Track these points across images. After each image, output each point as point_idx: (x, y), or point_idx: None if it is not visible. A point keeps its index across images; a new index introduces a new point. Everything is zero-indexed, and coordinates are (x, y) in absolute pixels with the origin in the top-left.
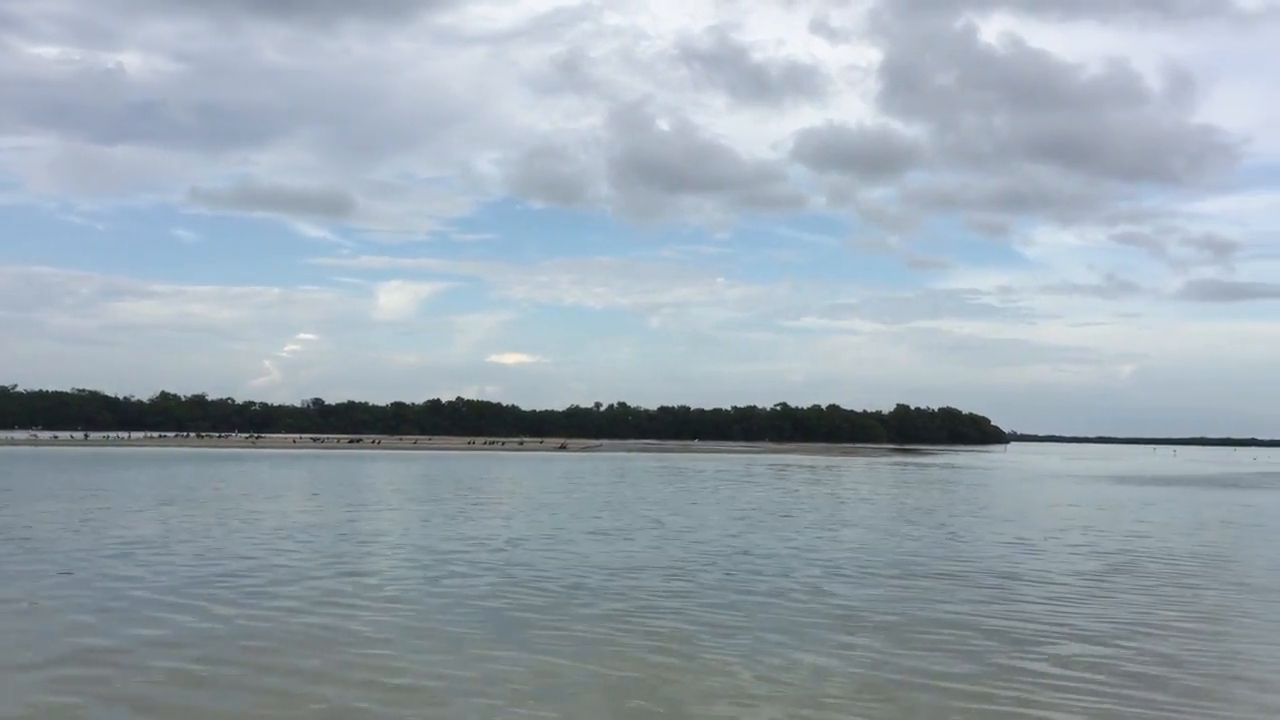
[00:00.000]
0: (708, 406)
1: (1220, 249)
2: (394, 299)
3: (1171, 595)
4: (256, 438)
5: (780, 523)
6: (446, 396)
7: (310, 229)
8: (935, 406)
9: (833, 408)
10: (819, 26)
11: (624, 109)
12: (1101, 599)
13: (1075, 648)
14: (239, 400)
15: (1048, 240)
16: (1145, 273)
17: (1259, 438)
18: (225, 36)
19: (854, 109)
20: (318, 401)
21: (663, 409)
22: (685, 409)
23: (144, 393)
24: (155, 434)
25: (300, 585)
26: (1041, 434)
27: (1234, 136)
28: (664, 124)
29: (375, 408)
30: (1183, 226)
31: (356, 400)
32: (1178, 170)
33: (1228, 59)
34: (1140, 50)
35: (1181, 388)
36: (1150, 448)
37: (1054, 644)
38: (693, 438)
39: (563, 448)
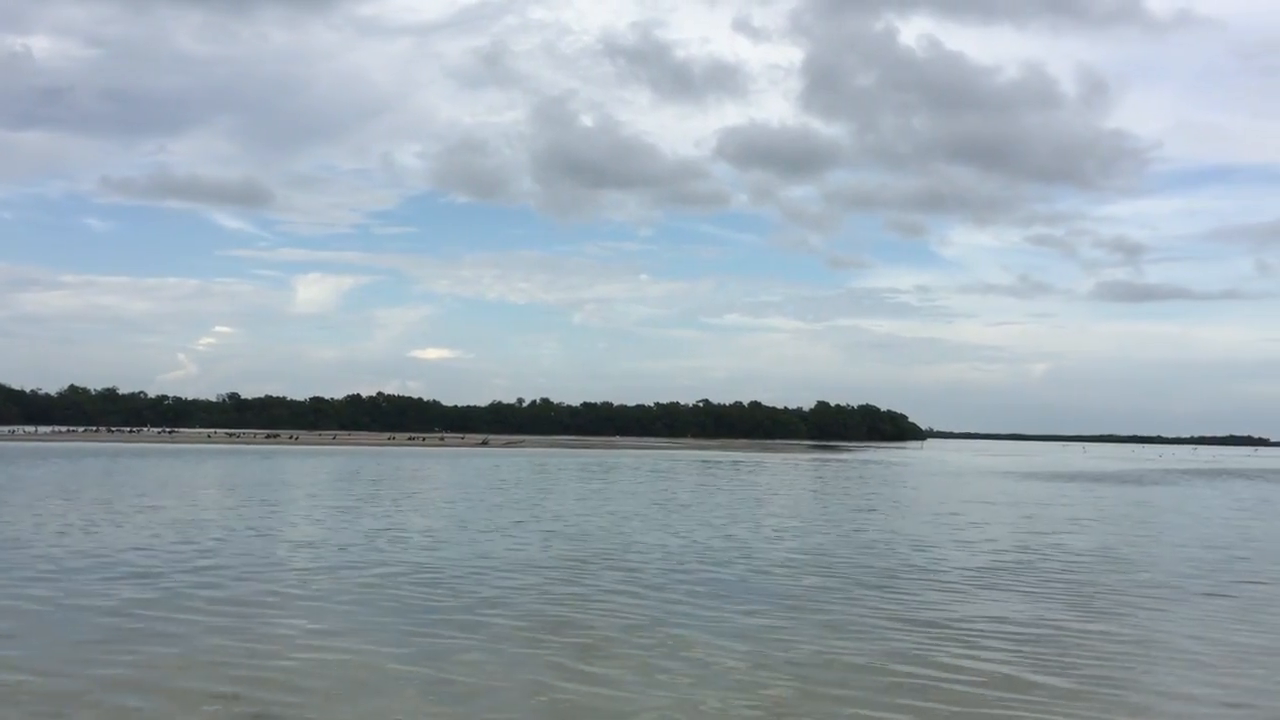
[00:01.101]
0: (631, 403)
1: (1130, 252)
2: (313, 292)
3: (1058, 592)
4: (170, 432)
5: (677, 517)
6: (367, 391)
7: (227, 220)
8: (855, 404)
9: (754, 404)
10: (741, 25)
11: (548, 104)
12: (988, 592)
13: (950, 644)
14: (152, 394)
15: (964, 241)
16: (1058, 274)
17: (1164, 435)
18: (138, 21)
19: (776, 108)
20: (234, 396)
21: (586, 405)
22: (608, 405)
23: (52, 386)
24: (64, 428)
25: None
26: (958, 431)
27: (1144, 142)
28: (588, 120)
29: (293, 403)
30: (1094, 229)
31: (274, 395)
32: (1090, 174)
33: (1139, 65)
34: (1055, 55)
35: (1092, 386)
36: (1061, 445)
37: (937, 637)
38: (616, 434)
39: (485, 444)
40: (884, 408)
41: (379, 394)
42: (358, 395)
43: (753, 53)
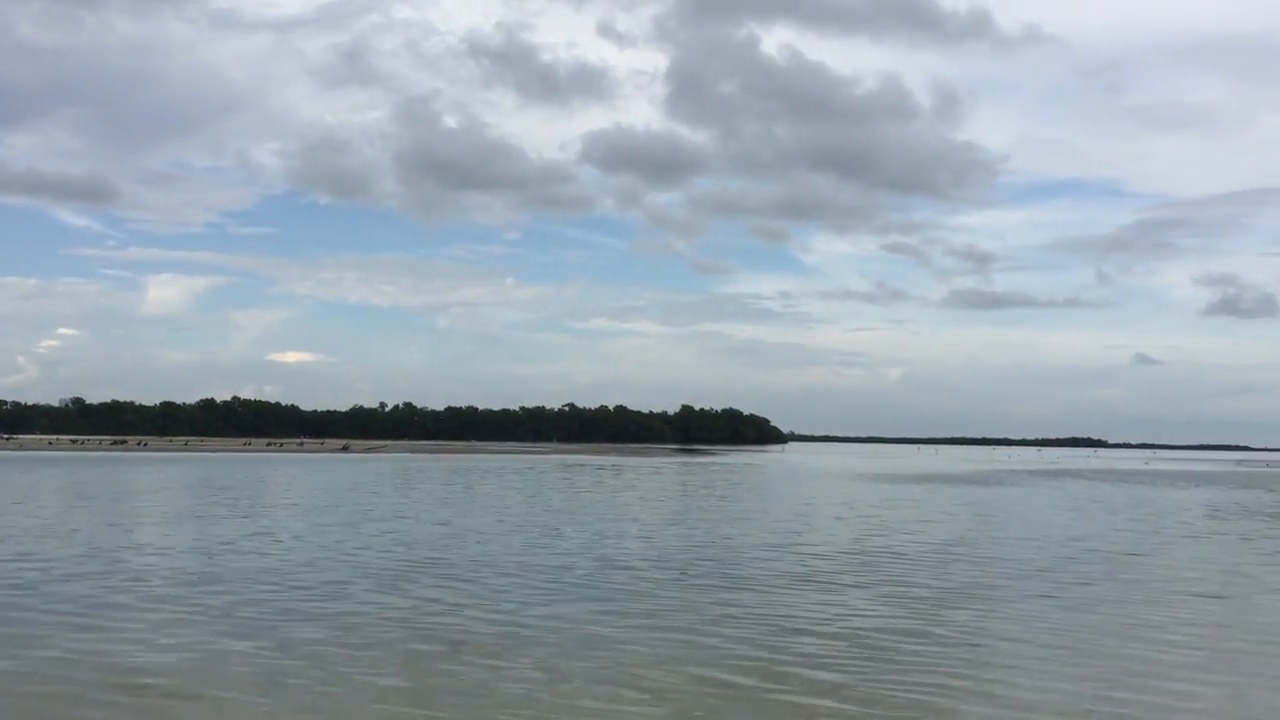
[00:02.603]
0: (496, 407)
1: (980, 260)
2: (165, 293)
3: (888, 592)
4: (7, 438)
5: (508, 517)
6: (221, 396)
7: (72, 217)
8: (718, 407)
9: (619, 408)
10: (606, 30)
11: (411, 103)
12: (819, 594)
13: (772, 645)
14: None
15: (824, 248)
16: (912, 281)
17: (1011, 437)
18: None
19: (642, 113)
20: (78, 401)
21: (450, 409)
22: (473, 409)
23: None
24: None
25: None
26: (818, 434)
27: (993, 154)
28: (452, 120)
29: (143, 407)
30: (946, 238)
31: (122, 400)
32: (943, 185)
33: (989, 80)
34: (911, 68)
35: (944, 391)
36: (916, 447)
37: (757, 638)
38: (480, 438)
39: (345, 449)
40: (747, 412)
41: (234, 398)
42: (212, 400)
43: (618, 57)
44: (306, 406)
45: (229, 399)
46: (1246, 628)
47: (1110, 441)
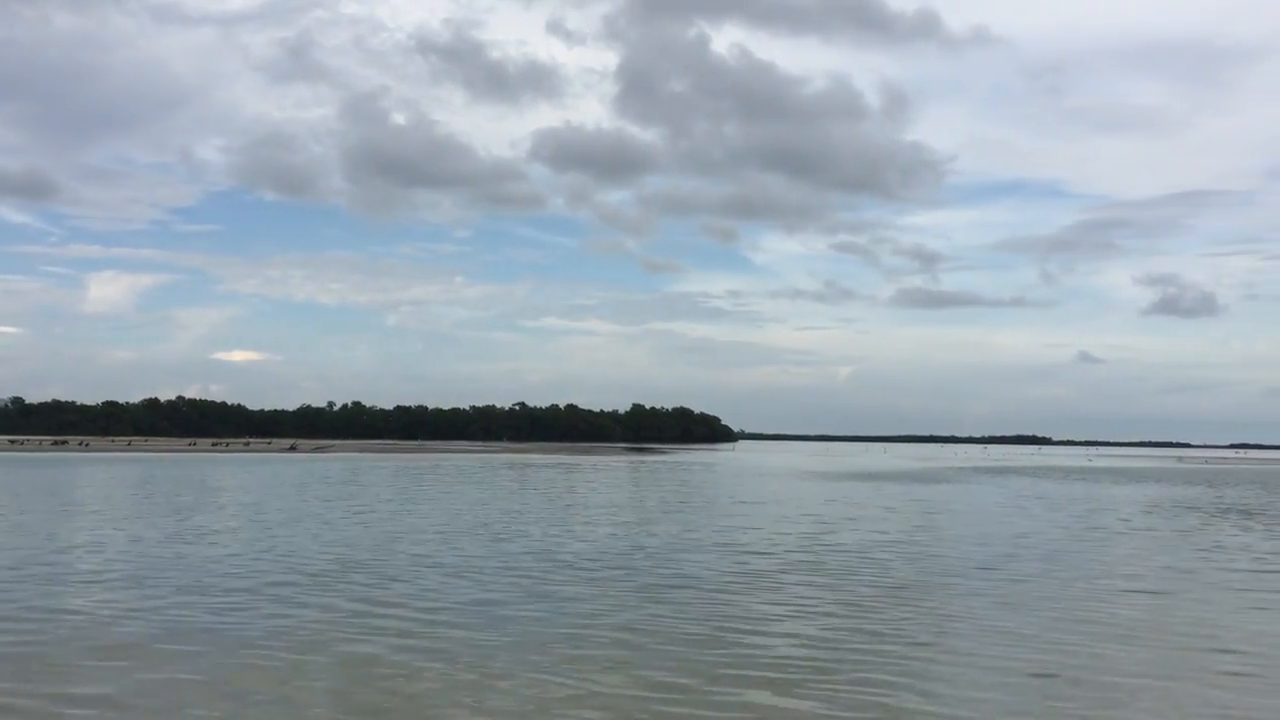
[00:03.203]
0: (446, 406)
1: (927, 260)
2: (108, 291)
3: (826, 591)
4: None
5: (431, 517)
6: (166, 395)
7: (11, 214)
8: (669, 406)
9: (570, 407)
10: (556, 28)
11: (359, 100)
12: (765, 590)
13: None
14: None
15: (774, 247)
16: (861, 281)
17: (958, 435)
18: None
19: (592, 111)
20: (17, 400)
21: (399, 408)
22: (423, 409)
23: None
24: None
25: None
26: (768, 432)
27: (941, 155)
28: (400, 117)
29: (85, 407)
30: (895, 238)
31: (63, 399)
32: (891, 185)
33: (937, 81)
34: (860, 68)
35: (893, 389)
36: (865, 445)
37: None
38: (430, 437)
39: (293, 449)
40: (698, 410)
41: (179, 398)
42: (156, 399)
43: (568, 55)
44: (253, 406)
45: (174, 398)
46: (1182, 623)
47: (1055, 439)
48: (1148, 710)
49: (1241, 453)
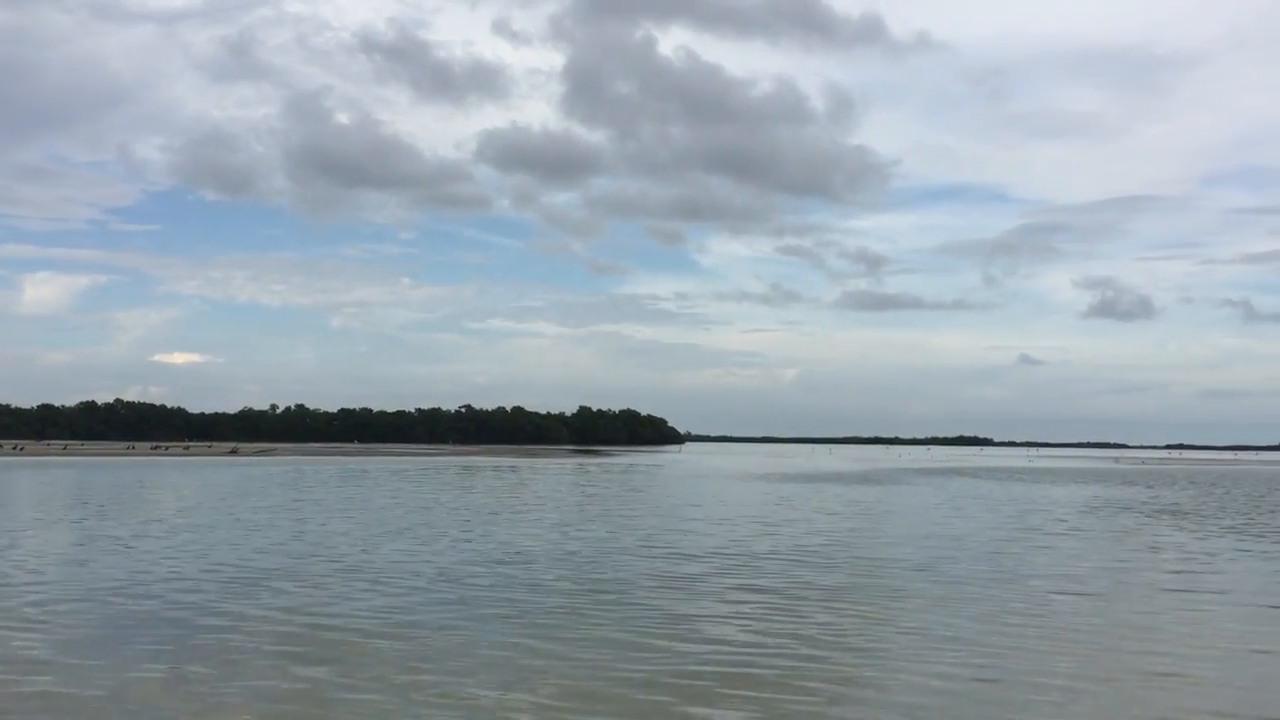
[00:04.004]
0: (390, 409)
1: (871, 263)
2: (43, 292)
3: (774, 595)
4: None
5: (369, 521)
6: (103, 398)
7: None
8: (616, 408)
9: (517, 409)
10: (502, 28)
11: (301, 99)
12: (704, 595)
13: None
14: None
15: (721, 249)
16: (807, 283)
17: (902, 436)
18: None
19: (538, 112)
20: None
21: (343, 411)
22: (367, 411)
23: None
24: None
25: None
26: (715, 434)
27: (885, 159)
28: (344, 117)
29: (19, 410)
30: (840, 241)
31: None
32: (837, 188)
33: (881, 85)
34: (805, 72)
35: (838, 391)
36: (810, 447)
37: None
38: (375, 440)
39: (234, 452)
40: (645, 412)
41: (117, 400)
42: (93, 402)
43: (514, 56)
44: (194, 409)
45: (111, 401)
46: (1117, 624)
47: (996, 440)
48: (1085, 714)
49: (1177, 453)
